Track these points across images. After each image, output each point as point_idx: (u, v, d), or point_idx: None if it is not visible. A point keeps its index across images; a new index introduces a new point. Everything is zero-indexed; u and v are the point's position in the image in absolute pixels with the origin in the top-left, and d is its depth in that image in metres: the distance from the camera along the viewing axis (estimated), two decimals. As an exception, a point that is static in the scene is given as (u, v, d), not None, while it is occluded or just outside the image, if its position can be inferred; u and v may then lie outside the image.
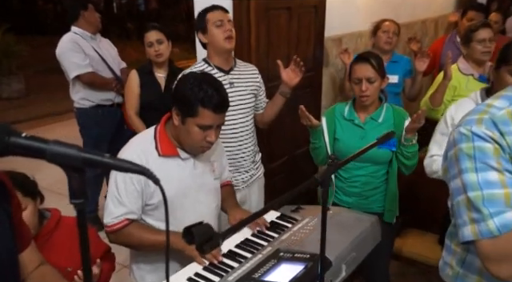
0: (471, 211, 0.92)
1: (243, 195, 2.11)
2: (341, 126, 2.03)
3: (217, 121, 1.44)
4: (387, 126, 1.95)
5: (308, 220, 1.67)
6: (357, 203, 2.05)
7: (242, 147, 2.06)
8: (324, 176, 1.07)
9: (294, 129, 2.81)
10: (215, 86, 1.42)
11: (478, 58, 2.48)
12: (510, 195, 0.88)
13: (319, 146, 2.05)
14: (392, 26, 2.81)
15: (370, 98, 1.92)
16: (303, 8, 2.63)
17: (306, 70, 2.79)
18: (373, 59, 1.90)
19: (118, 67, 3.16)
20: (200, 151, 1.52)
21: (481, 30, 2.46)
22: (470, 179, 0.92)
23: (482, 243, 0.90)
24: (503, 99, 0.98)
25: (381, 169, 2.00)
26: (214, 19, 1.91)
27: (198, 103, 1.38)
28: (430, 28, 4.84)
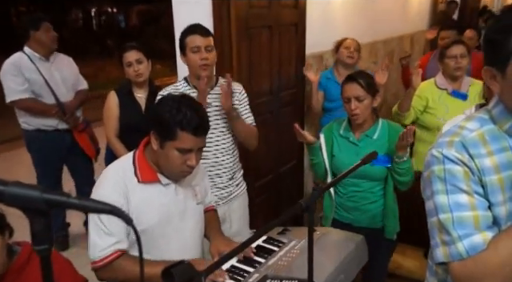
0: (442, 233, 0.93)
1: (222, 212, 2.05)
2: (337, 143, 2.04)
3: (197, 144, 1.39)
4: (382, 143, 1.96)
5: (295, 243, 1.63)
6: (357, 219, 2.04)
7: (218, 164, 2.01)
8: (309, 202, 1.04)
9: (279, 146, 2.80)
10: (194, 108, 1.37)
11: (451, 73, 2.55)
12: (479, 217, 0.89)
13: (317, 162, 2.04)
14: (353, 42, 2.91)
15: (360, 117, 1.92)
16: (284, 26, 2.64)
17: (288, 88, 2.82)
18: (361, 78, 1.91)
19: (74, 89, 3.03)
20: (181, 176, 1.46)
21: (453, 47, 2.54)
22: (441, 201, 0.93)
23: (452, 266, 0.91)
24: (476, 121, 0.98)
25: (376, 185, 2.00)
26: (191, 44, 1.89)
27: (176, 126, 1.33)
28: (407, 43, 4.95)
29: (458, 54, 2.51)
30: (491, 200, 0.92)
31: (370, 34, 3.52)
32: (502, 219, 0.92)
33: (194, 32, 1.89)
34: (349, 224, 2.03)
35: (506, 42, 0.87)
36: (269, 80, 2.63)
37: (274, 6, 2.53)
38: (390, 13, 4.38)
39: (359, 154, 1.93)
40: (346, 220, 2.05)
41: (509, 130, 0.94)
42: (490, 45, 0.93)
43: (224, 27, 2.25)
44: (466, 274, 0.89)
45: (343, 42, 2.92)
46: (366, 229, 1.95)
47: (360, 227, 1.97)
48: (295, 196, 3.15)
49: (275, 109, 2.73)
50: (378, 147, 1.92)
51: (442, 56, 2.55)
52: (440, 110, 2.52)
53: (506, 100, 0.93)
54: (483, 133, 0.95)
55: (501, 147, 0.93)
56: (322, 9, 3.08)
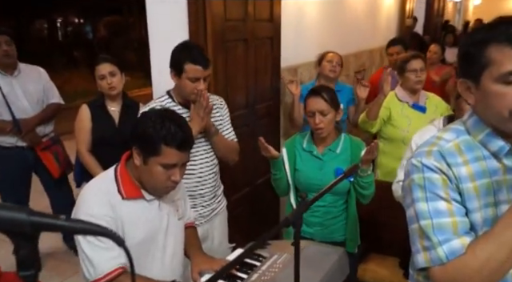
0: (423, 238, 0.95)
1: (204, 231, 2.01)
2: (300, 157, 2.03)
3: (181, 159, 1.36)
4: (345, 157, 1.97)
5: (276, 257, 1.61)
6: (318, 234, 2.03)
7: (201, 184, 1.97)
8: (296, 216, 1.03)
9: (255, 159, 2.79)
10: (178, 122, 1.35)
11: (411, 86, 2.62)
12: (457, 223, 0.93)
13: (280, 177, 2.02)
14: (335, 56, 2.96)
15: (324, 131, 1.93)
16: (259, 40, 2.66)
17: (264, 100, 2.83)
18: (324, 92, 1.92)
19: (42, 103, 2.91)
20: (164, 191, 1.43)
21: (413, 61, 2.62)
22: (422, 208, 0.96)
23: (433, 270, 0.94)
24: (451, 132, 1.02)
25: (339, 199, 2.01)
26: (190, 74, 1.81)
27: (160, 142, 1.30)
28: (376, 57, 5.11)
29: (418, 68, 2.59)
30: (468, 207, 0.95)
31: (341, 48, 3.59)
32: (478, 225, 0.95)
33: (197, 62, 1.80)
34: (310, 239, 2.00)
35: (480, 55, 0.92)
36: (245, 93, 2.63)
37: (250, 19, 2.55)
38: (360, 27, 4.51)
39: (323, 168, 1.96)
40: (308, 235, 2.03)
41: (482, 140, 0.98)
42: (466, 58, 0.97)
43: (200, 40, 2.24)
44: (446, 278, 0.92)
45: (326, 55, 2.97)
46: (328, 243, 1.93)
47: (321, 242, 1.95)
48: (271, 208, 3.14)
49: (251, 121, 2.72)
50: (341, 161, 1.95)
51: (403, 70, 2.62)
52: (403, 123, 2.58)
53: (480, 111, 0.98)
54: (459, 143, 0.99)
55: (475, 156, 0.97)
56: (295, 23, 3.13)
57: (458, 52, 1.02)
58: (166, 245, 1.47)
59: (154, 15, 2.33)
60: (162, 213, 1.46)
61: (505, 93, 0.89)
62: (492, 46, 0.90)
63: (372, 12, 4.89)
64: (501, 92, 0.90)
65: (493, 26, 0.93)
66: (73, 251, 3.05)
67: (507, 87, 0.89)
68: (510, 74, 0.88)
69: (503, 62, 0.88)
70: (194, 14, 2.22)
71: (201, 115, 1.82)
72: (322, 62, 2.97)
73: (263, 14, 2.67)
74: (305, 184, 2.00)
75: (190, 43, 1.89)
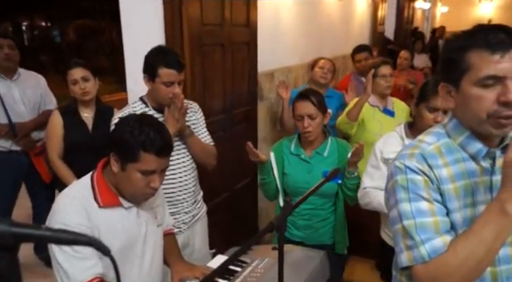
0: (406, 238, 0.97)
1: (185, 238, 1.98)
2: (288, 160, 2.04)
3: (161, 165, 1.33)
4: (332, 160, 2.00)
5: (258, 262, 1.60)
6: (307, 237, 2.05)
7: (183, 188, 1.94)
8: (280, 220, 1.03)
9: (234, 164, 2.78)
10: (157, 128, 1.32)
11: (381, 91, 2.69)
12: (439, 222, 0.95)
13: (268, 181, 2.03)
14: (327, 63, 3.02)
15: (312, 134, 1.95)
16: (236, 44, 2.66)
17: (241, 105, 2.83)
18: (312, 96, 1.94)
19: (38, 109, 2.85)
20: (143, 198, 1.40)
21: (382, 67, 2.69)
22: (405, 209, 0.98)
23: (416, 269, 0.95)
24: (432, 136, 1.06)
25: (328, 201, 2.03)
26: (164, 78, 1.78)
27: (139, 147, 1.27)
28: (350, 62, 5.19)
29: (387, 73, 2.67)
30: (448, 207, 0.98)
31: (316, 53, 3.65)
32: (458, 224, 0.98)
33: (171, 66, 1.78)
34: (300, 243, 2.02)
35: (460, 60, 0.95)
36: (222, 98, 2.62)
37: (227, 24, 2.55)
38: (334, 33, 4.59)
39: (311, 171, 1.98)
40: (298, 239, 2.04)
41: (461, 143, 1.01)
42: (447, 63, 1.01)
43: (177, 45, 2.22)
44: (428, 276, 0.93)
45: (318, 61, 3.03)
46: (318, 246, 1.94)
47: (312, 245, 1.96)
48: (250, 213, 3.13)
49: (229, 126, 2.71)
50: (328, 163, 1.97)
51: (373, 75, 2.66)
52: (375, 127, 2.63)
53: (459, 114, 1.01)
54: (440, 146, 1.02)
55: (455, 158, 1.01)
56: (272, 28, 3.15)
57: (440, 57, 1.06)
58: (145, 252, 1.44)
59: (128, 19, 2.29)
60: (141, 220, 1.42)
61: (482, 96, 0.93)
62: (471, 51, 0.94)
63: (346, 18, 4.99)
64: (479, 95, 0.93)
65: (472, 32, 0.96)
66: (44, 263, 2.94)
67: (485, 91, 0.92)
68: (488, 78, 0.91)
69: (481, 66, 0.92)
70: (170, 19, 2.20)
71: (176, 117, 1.80)
72: (314, 68, 3.02)
73: (240, 19, 2.68)
74: (293, 188, 2.01)
75: (164, 47, 1.86)
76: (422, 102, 1.77)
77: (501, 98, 0.90)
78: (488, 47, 0.91)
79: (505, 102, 0.90)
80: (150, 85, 1.85)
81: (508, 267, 1.00)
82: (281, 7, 3.27)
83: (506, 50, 0.90)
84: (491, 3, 10.93)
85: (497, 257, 0.98)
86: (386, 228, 1.99)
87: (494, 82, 0.91)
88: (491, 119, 0.93)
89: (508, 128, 0.94)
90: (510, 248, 1.00)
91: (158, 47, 1.84)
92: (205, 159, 2.01)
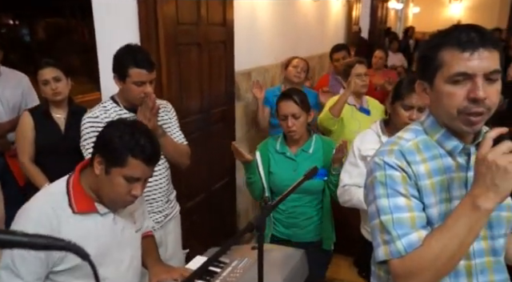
0: (383, 233, 0.99)
1: (158, 237, 1.95)
2: (274, 159, 2.05)
3: (146, 173, 1.31)
4: (318, 157, 2.01)
5: (237, 262, 1.60)
6: (295, 235, 2.07)
7: (155, 188, 1.92)
8: (259, 220, 1.02)
9: (211, 164, 2.76)
10: (148, 136, 1.30)
11: (357, 90, 2.73)
12: (415, 218, 0.98)
13: (254, 180, 2.03)
14: (301, 62, 3.03)
15: (297, 133, 1.97)
16: (213, 44, 2.64)
17: (218, 105, 2.81)
18: (295, 96, 1.96)
19: (18, 109, 2.74)
20: (122, 205, 1.37)
21: (357, 66, 2.75)
22: (383, 204, 1.00)
23: (392, 263, 0.97)
24: (410, 132, 1.08)
25: (315, 198, 2.05)
26: (135, 78, 1.76)
27: (128, 152, 1.24)
28: (326, 61, 5.26)
29: (362, 72, 2.72)
30: (425, 202, 1.00)
31: (293, 53, 3.66)
32: (435, 219, 1.00)
33: (141, 66, 1.75)
34: (287, 240, 2.05)
35: (434, 58, 0.98)
36: (199, 97, 2.60)
37: (203, 23, 2.53)
38: (310, 33, 4.63)
39: (297, 169, 1.99)
40: (285, 236, 2.07)
41: (438, 140, 1.04)
42: (422, 61, 1.03)
43: (152, 44, 2.18)
44: (404, 270, 0.95)
45: (292, 60, 3.04)
46: (305, 243, 1.98)
47: (298, 243, 2.00)
48: (228, 214, 3.12)
49: (206, 126, 2.70)
50: (314, 160, 1.99)
51: (348, 74, 2.72)
52: (354, 125, 2.68)
53: (435, 111, 1.04)
54: (417, 143, 1.05)
55: (432, 155, 1.03)
56: (248, 27, 3.15)
57: (417, 56, 1.09)
58: (122, 259, 1.41)
59: (100, 17, 2.23)
60: (117, 227, 1.39)
61: (453, 93, 0.96)
62: (444, 49, 0.96)
63: (321, 18, 5.04)
64: (450, 92, 0.96)
65: (447, 32, 0.99)
66: None
67: (455, 87, 0.95)
68: (458, 74, 0.94)
69: (453, 63, 0.95)
70: (145, 17, 2.16)
71: (147, 117, 1.77)
72: (287, 67, 3.03)
73: (216, 18, 2.66)
74: (280, 186, 2.02)
75: (133, 46, 1.82)
76: (397, 100, 1.81)
77: (470, 95, 0.93)
78: (459, 45, 0.94)
79: (474, 99, 0.93)
80: (120, 84, 1.82)
81: (482, 261, 1.03)
82: (257, 6, 3.27)
83: (475, 49, 0.93)
84: (460, 4, 11.28)
85: (471, 251, 1.02)
86: (365, 225, 2.02)
87: (464, 79, 0.94)
88: (461, 116, 0.95)
89: (478, 125, 0.96)
90: (483, 242, 1.03)
91: (127, 46, 1.81)
92: (178, 159, 1.99)
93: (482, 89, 0.92)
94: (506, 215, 1.04)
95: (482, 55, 0.93)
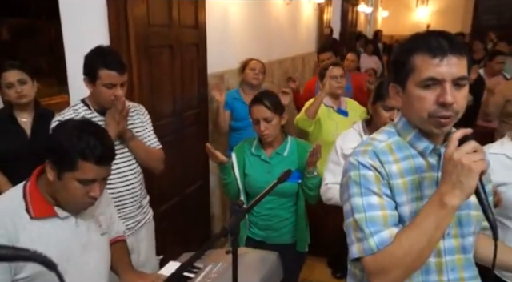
0: (357, 231, 1.02)
1: (130, 243, 1.91)
2: (249, 161, 2.05)
3: (101, 174, 1.27)
4: (292, 160, 2.02)
5: (211, 267, 1.58)
6: (270, 237, 2.07)
7: (127, 193, 1.88)
8: (233, 224, 1.02)
9: (185, 167, 2.73)
10: (98, 135, 1.25)
11: (333, 92, 2.78)
12: (387, 216, 1.01)
13: (230, 181, 2.03)
14: (258, 64, 3.01)
15: (270, 136, 1.97)
16: (185, 46, 2.62)
17: (191, 108, 2.78)
18: (266, 99, 1.95)
19: None
20: (82, 208, 1.32)
21: (333, 68, 2.79)
22: (357, 203, 1.03)
23: (365, 260, 1.00)
24: (384, 134, 1.12)
25: (289, 201, 2.06)
26: (105, 80, 1.72)
27: (77, 156, 1.20)
28: (299, 64, 5.32)
29: (337, 74, 2.76)
30: (397, 201, 1.03)
31: (266, 55, 3.69)
32: (407, 217, 1.03)
33: (111, 68, 1.71)
34: (262, 242, 2.05)
35: (406, 62, 1.01)
36: (172, 100, 2.57)
37: (175, 25, 2.50)
38: (283, 35, 4.66)
39: (271, 171, 1.99)
40: (260, 238, 2.08)
41: (410, 141, 1.08)
42: (395, 64, 1.07)
43: (123, 46, 2.14)
44: (376, 266, 0.98)
45: (248, 63, 3.00)
46: (279, 245, 1.99)
47: (273, 244, 2.00)
48: (202, 218, 3.09)
49: (179, 129, 2.67)
50: (288, 163, 1.99)
51: (323, 76, 2.76)
52: (331, 126, 2.72)
53: (406, 113, 1.07)
54: (390, 144, 1.08)
55: (405, 155, 1.07)
56: (221, 29, 3.14)
57: (390, 59, 1.13)
58: (87, 263, 1.36)
59: (68, 18, 2.17)
60: (80, 230, 1.35)
61: (424, 97, 0.99)
62: (416, 54, 1.00)
63: (293, 21, 5.09)
64: (421, 96, 0.99)
65: (419, 37, 1.03)
66: None
67: (426, 92, 0.99)
68: (428, 79, 0.97)
69: (423, 68, 0.98)
70: (115, 18, 2.12)
71: (116, 120, 1.74)
72: (244, 70, 3.00)
73: (188, 20, 2.64)
74: (254, 188, 2.02)
75: (103, 48, 1.78)
76: (378, 101, 1.86)
77: (439, 99, 0.97)
78: (430, 51, 0.97)
79: (442, 103, 0.96)
80: (90, 87, 1.78)
81: (453, 258, 1.07)
82: (229, 9, 3.26)
83: (445, 55, 0.96)
84: (427, 8, 11.64)
85: (442, 249, 1.05)
86: None
87: (434, 84, 0.97)
88: (432, 119, 0.99)
89: (447, 127, 1.00)
90: (454, 240, 1.06)
91: (97, 48, 1.77)
92: (150, 163, 1.96)
93: (450, 94, 0.95)
94: (475, 213, 1.08)
95: (451, 62, 0.96)
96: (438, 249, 1.05)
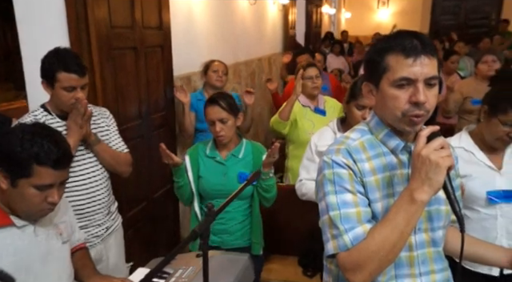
0: (332, 228, 1.04)
1: (98, 252, 1.86)
2: (204, 163, 2.02)
3: (58, 178, 1.23)
4: (247, 162, 2.01)
5: (181, 272, 1.56)
6: (225, 241, 2.04)
7: (94, 200, 1.83)
8: (203, 227, 1.01)
9: (152, 171, 2.68)
10: (52, 137, 1.21)
11: (309, 92, 2.84)
12: (361, 212, 1.03)
13: (183, 184, 1.99)
14: (221, 66, 3.01)
15: (226, 137, 1.96)
16: (149, 48, 2.57)
17: (158, 110, 2.74)
18: (221, 100, 1.94)
19: None
20: (40, 215, 1.28)
21: (308, 69, 2.84)
22: (331, 201, 1.05)
23: (340, 256, 1.02)
24: (357, 132, 1.14)
25: (244, 203, 2.04)
26: (65, 83, 1.66)
27: (31, 161, 1.16)
28: (265, 65, 5.34)
29: (313, 75, 2.82)
30: (370, 198, 1.06)
31: (232, 56, 3.68)
32: (379, 213, 1.06)
33: (70, 70, 1.65)
34: (217, 247, 2.01)
35: (380, 62, 1.03)
36: (137, 103, 2.52)
37: (138, 26, 2.45)
38: (249, 36, 4.66)
39: (227, 173, 1.99)
40: (215, 243, 2.03)
41: (382, 139, 1.10)
42: (369, 64, 1.09)
43: (84, 48, 2.07)
44: (351, 262, 1.00)
45: (211, 64, 2.99)
46: (234, 249, 1.96)
47: (228, 249, 1.97)
48: (171, 222, 3.05)
49: (146, 133, 2.61)
50: (244, 165, 2.00)
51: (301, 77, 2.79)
52: (308, 126, 2.76)
53: (380, 112, 1.10)
54: (363, 142, 1.11)
55: (377, 153, 1.09)
56: (186, 31, 3.10)
57: (364, 59, 1.15)
58: (49, 273, 1.31)
59: (24, 20, 2.08)
60: (39, 239, 1.30)
61: (398, 96, 1.01)
62: (390, 54, 1.02)
63: (259, 22, 5.11)
64: (395, 95, 1.02)
65: (392, 37, 1.05)
66: None
67: (400, 91, 1.01)
68: (402, 79, 1.00)
69: (397, 68, 1.01)
70: (74, 20, 2.05)
71: (79, 123, 1.69)
72: (207, 72, 2.99)
73: (152, 22, 2.59)
74: (209, 190, 2.00)
75: (62, 50, 1.72)
76: (351, 101, 1.89)
77: (412, 99, 1.00)
78: (403, 51, 1.00)
79: (415, 103, 0.99)
80: (49, 91, 1.72)
81: (424, 252, 1.10)
82: (194, 10, 3.23)
83: (418, 56, 0.99)
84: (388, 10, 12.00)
85: (414, 243, 1.08)
86: None
87: (407, 84, 1.00)
88: (405, 118, 1.02)
89: (418, 126, 1.03)
90: (424, 234, 1.10)
91: (55, 50, 1.71)
92: (117, 167, 1.91)
93: (422, 93, 0.99)
94: (445, 208, 1.12)
95: (424, 62, 0.99)
96: (410, 244, 1.08)
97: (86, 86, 1.74)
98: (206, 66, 3.00)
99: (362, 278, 0.99)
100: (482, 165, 1.69)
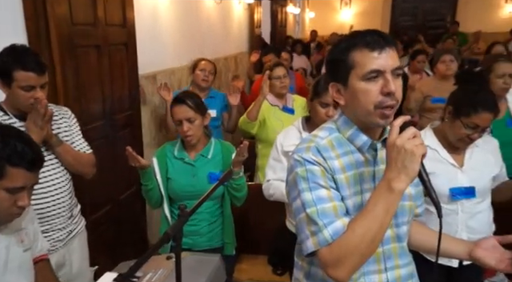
0: (310, 224, 1.04)
1: (61, 257, 1.80)
2: (172, 165, 1.98)
3: (30, 180, 1.19)
4: (216, 162, 1.99)
5: (151, 275, 1.51)
6: (196, 243, 2.01)
7: (56, 203, 1.76)
8: (176, 229, 0.99)
9: (117, 172, 2.61)
10: (24, 139, 1.17)
11: (277, 91, 2.87)
12: (337, 206, 1.04)
13: (151, 187, 1.95)
14: (208, 65, 3.02)
15: (194, 137, 1.93)
16: (113, 46, 2.50)
17: (123, 110, 2.67)
18: (188, 99, 1.91)
19: None
20: (6, 221, 1.22)
21: (276, 69, 2.87)
22: (307, 198, 1.05)
23: (320, 252, 1.02)
24: (325, 130, 1.16)
25: (214, 204, 2.02)
26: (22, 82, 1.58)
27: (4, 162, 1.11)
28: (231, 63, 5.32)
29: (281, 74, 2.84)
30: (342, 195, 1.07)
31: (198, 54, 3.62)
32: (350, 210, 1.08)
33: (28, 69, 1.57)
34: (189, 249, 1.97)
35: (346, 59, 1.05)
36: (101, 102, 2.44)
37: (101, 24, 2.37)
38: (214, 35, 4.63)
39: (196, 174, 1.96)
40: (185, 245, 1.98)
41: (349, 137, 1.12)
42: (334, 63, 1.10)
43: (43, 46, 1.99)
44: (332, 257, 1.00)
45: (199, 63, 2.99)
46: (206, 251, 1.94)
47: (199, 251, 1.94)
48: (138, 225, 2.98)
49: (110, 133, 2.54)
50: (213, 165, 1.98)
51: (268, 77, 2.81)
52: (277, 125, 2.77)
53: (349, 110, 1.11)
54: (331, 140, 1.12)
55: (345, 151, 1.11)
56: (151, 28, 3.04)
57: (326, 60, 1.16)
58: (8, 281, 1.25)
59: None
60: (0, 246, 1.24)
61: (368, 89, 1.03)
62: (354, 50, 1.04)
63: (224, 21, 5.08)
64: (365, 89, 1.04)
65: (353, 35, 1.08)
66: None
67: (370, 84, 1.03)
68: (371, 72, 1.02)
69: (365, 62, 1.03)
70: (33, 16, 1.95)
71: (39, 124, 1.62)
72: (195, 70, 2.98)
73: (115, 19, 2.52)
74: (178, 192, 1.96)
75: (19, 47, 1.64)
76: (315, 98, 1.91)
77: (383, 90, 1.02)
78: (368, 46, 1.03)
79: (388, 93, 1.02)
80: (6, 90, 1.64)
81: (389, 247, 1.13)
82: (158, 7, 3.17)
83: (382, 49, 1.02)
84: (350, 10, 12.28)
85: None
86: (291, 218, 2.07)
87: (376, 76, 1.02)
88: (378, 110, 1.03)
89: (390, 119, 1.06)
90: (390, 230, 1.12)
91: (11, 47, 1.62)
92: (80, 169, 1.85)
93: (392, 83, 1.01)
94: (408, 203, 1.15)
95: (389, 54, 1.02)
96: None
97: (45, 86, 1.66)
98: (194, 65, 3.00)
99: (344, 272, 1.00)
100: (446, 163, 1.75)
